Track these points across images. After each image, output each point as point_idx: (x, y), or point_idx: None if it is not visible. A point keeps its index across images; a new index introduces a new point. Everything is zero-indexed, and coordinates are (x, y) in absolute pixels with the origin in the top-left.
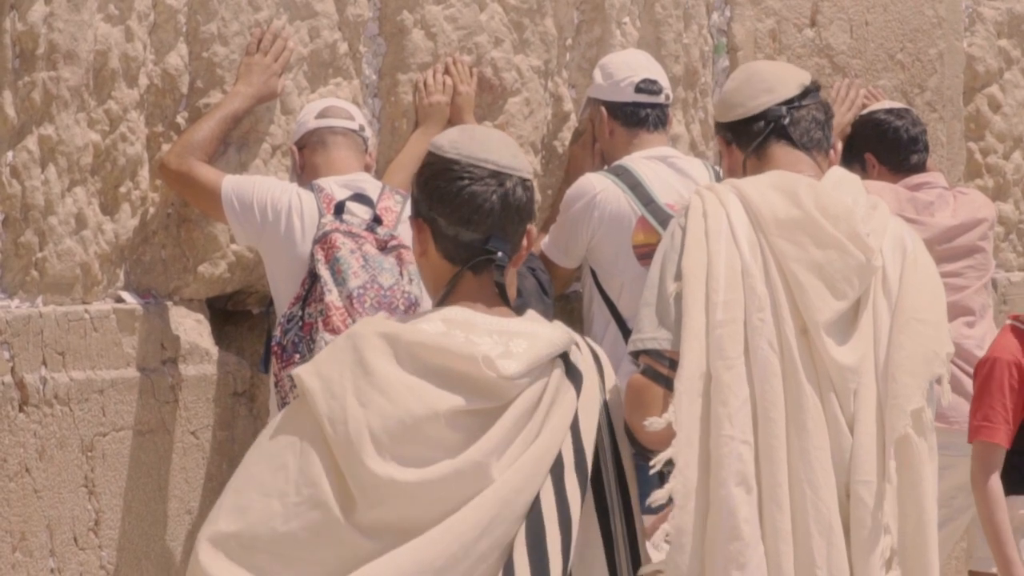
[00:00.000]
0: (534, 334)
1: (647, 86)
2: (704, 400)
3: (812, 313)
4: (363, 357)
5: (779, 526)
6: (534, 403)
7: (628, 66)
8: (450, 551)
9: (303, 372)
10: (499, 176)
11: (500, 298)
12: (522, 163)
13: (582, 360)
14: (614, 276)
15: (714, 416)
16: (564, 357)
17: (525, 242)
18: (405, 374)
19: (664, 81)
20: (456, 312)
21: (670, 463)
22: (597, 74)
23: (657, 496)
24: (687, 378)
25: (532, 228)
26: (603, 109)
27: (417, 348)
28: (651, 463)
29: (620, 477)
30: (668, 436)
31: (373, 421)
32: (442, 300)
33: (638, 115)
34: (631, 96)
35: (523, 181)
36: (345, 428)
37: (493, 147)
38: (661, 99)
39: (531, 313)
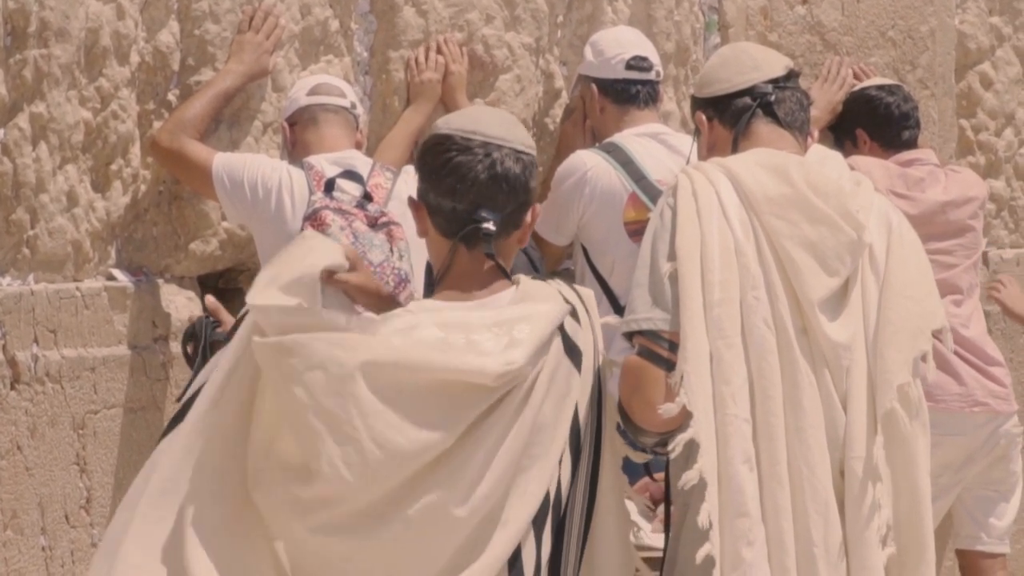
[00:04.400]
0: (533, 315)
1: (637, 63)
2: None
3: (806, 291)
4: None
5: (780, 503)
6: (535, 377)
7: (619, 43)
8: None
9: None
10: (487, 146)
11: (497, 271)
12: (516, 135)
13: (580, 334)
14: (605, 253)
15: (718, 395)
16: (561, 329)
17: (528, 218)
18: (404, 401)
19: (655, 58)
20: (450, 315)
21: (662, 444)
22: (588, 51)
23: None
24: (694, 359)
25: (536, 205)
26: (594, 86)
27: (416, 372)
28: (670, 447)
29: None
30: (671, 418)
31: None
32: (439, 279)
33: (628, 92)
34: (621, 73)
35: (516, 153)
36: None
37: (484, 120)
38: (652, 76)
39: (524, 282)
